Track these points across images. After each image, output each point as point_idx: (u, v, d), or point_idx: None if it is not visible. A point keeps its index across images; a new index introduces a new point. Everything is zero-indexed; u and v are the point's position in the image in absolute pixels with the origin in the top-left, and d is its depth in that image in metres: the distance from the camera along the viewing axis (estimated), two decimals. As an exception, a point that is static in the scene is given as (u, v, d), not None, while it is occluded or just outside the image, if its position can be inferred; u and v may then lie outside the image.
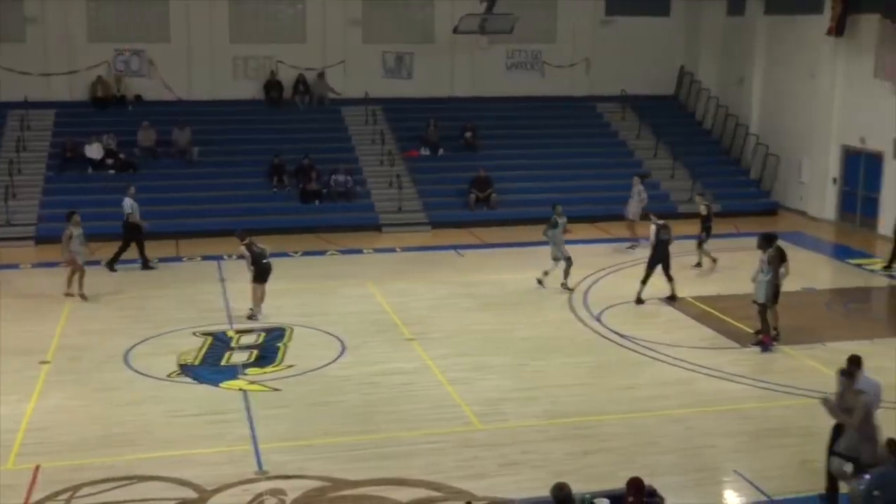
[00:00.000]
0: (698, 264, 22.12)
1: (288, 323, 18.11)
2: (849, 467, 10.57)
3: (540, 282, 20.30)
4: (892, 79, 24.47)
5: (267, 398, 14.54)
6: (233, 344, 17.03)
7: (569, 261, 20.16)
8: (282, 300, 19.14)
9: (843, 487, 10.93)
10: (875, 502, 9.96)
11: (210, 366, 15.94)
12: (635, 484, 9.25)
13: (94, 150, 27.31)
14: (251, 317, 18.32)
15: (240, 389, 14.85)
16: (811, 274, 21.03)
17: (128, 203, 22.06)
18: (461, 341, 17.17)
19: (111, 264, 21.80)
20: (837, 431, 11.00)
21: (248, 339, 17.24)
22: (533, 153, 29.93)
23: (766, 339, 16.69)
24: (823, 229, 26.95)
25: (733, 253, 22.95)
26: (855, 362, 11.31)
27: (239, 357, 16.33)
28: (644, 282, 19.45)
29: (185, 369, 15.73)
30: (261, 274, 18.36)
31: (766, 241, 16.74)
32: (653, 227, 19.70)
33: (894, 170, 24.39)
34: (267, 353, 16.58)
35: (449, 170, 29.04)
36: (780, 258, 16.87)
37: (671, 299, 19.49)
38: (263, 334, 17.51)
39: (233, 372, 15.62)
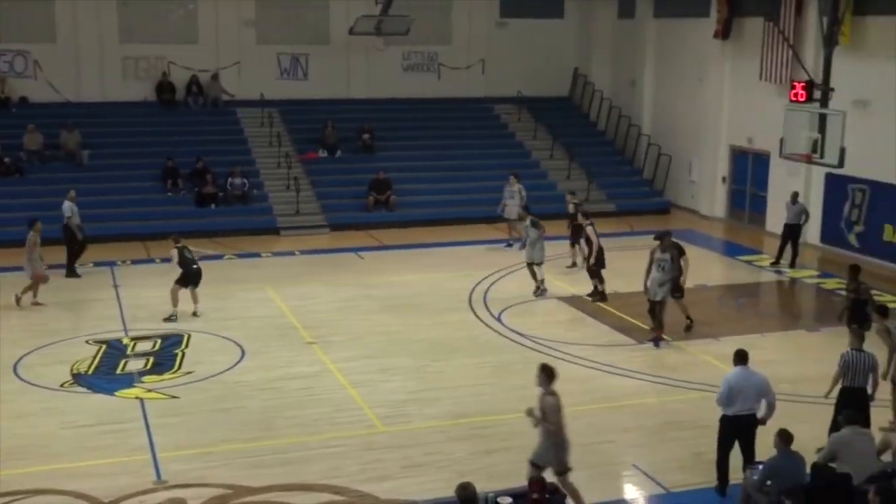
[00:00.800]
0: (573, 264, 22.44)
1: (185, 329, 17.79)
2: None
3: (541, 290, 20.17)
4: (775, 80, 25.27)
5: (164, 406, 14.26)
6: (128, 351, 16.66)
7: (536, 266, 20.15)
8: (179, 306, 18.77)
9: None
10: (769, 490, 10.30)
11: (105, 374, 15.56)
12: (537, 482, 9.37)
13: (-23, 155, 26.40)
14: (169, 318, 18.16)
15: (136, 398, 14.53)
16: (703, 270, 21.54)
17: (66, 206, 21.64)
18: (363, 344, 17.11)
19: (71, 271, 21.34)
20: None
21: (143, 346, 16.87)
22: (431, 154, 30.05)
23: (658, 334, 17.06)
24: (714, 227, 27.68)
25: (629, 251, 23.38)
26: (741, 356, 11.63)
27: (135, 365, 15.98)
28: (602, 279, 19.76)
29: (78, 378, 15.31)
30: (184, 278, 18.33)
31: (665, 237, 17.10)
32: (590, 228, 19.93)
33: (780, 169, 25.17)
34: (164, 359, 16.25)
35: (347, 171, 28.94)
36: (679, 253, 17.33)
37: (601, 299, 19.79)
38: (160, 341, 17.16)
39: (129, 380, 15.28)
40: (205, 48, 30.37)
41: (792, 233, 22.70)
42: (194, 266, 18.56)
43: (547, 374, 10.79)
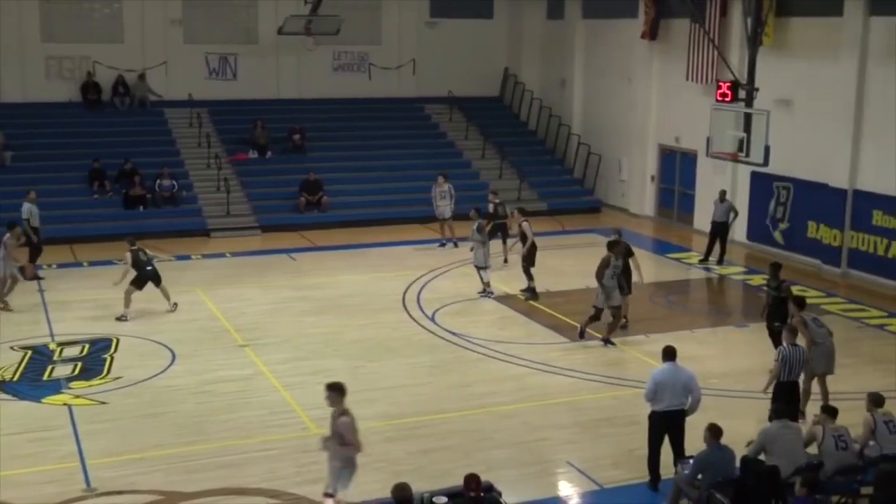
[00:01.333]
0: (505, 260, 22.71)
1: (114, 333, 17.49)
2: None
3: (487, 292, 20.15)
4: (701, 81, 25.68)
5: (94, 412, 14.00)
6: (55, 357, 16.32)
7: (480, 270, 20.14)
8: (107, 310, 18.49)
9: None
10: (699, 484, 10.47)
11: (31, 381, 15.22)
12: (472, 480, 9.39)
13: None
14: (120, 318, 18.20)
15: (64, 404, 14.24)
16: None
17: (25, 208, 21.41)
18: (296, 345, 17.01)
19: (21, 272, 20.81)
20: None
21: (71, 352, 16.55)
22: (362, 155, 29.96)
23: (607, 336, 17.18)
24: (644, 225, 28.02)
25: (560, 250, 23.63)
26: (669, 353, 11.82)
27: (62, 370, 15.67)
28: (531, 276, 19.92)
29: (3, 386, 14.95)
30: (139, 280, 18.47)
31: (616, 246, 17.21)
32: (525, 224, 20.05)
33: (707, 168, 25.59)
34: (92, 365, 15.96)
35: (278, 172, 28.71)
36: (628, 254, 17.55)
37: (533, 297, 19.94)
38: (88, 346, 16.85)
39: (56, 386, 14.97)
40: (131, 47, 29.88)
41: (720, 230, 23.10)
42: (148, 268, 18.65)
43: (339, 391, 10.37)
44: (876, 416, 11.20)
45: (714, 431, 10.58)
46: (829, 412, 11.10)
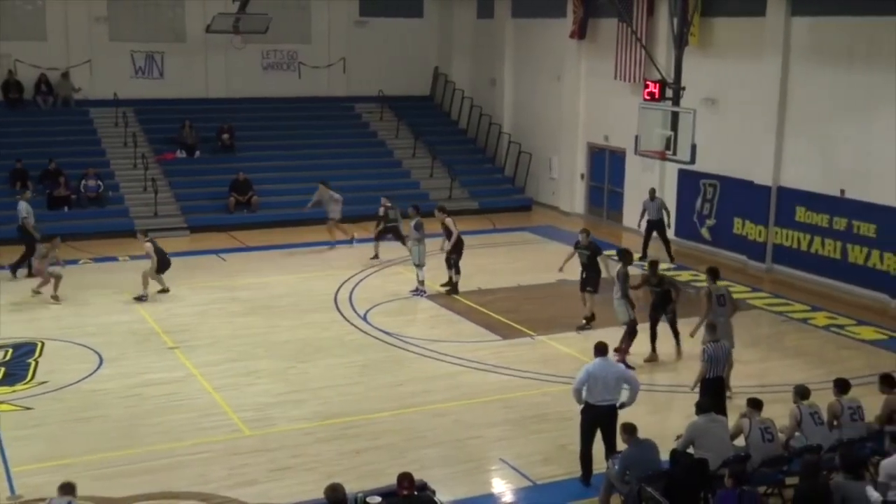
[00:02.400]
0: (375, 256, 22.99)
1: (39, 337, 17.13)
2: None
3: (419, 290, 20.15)
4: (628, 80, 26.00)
5: (18, 418, 13.70)
6: (-23, 362, 15.96)
7: (417, 267, 20.17)
8: (32, 313, 18.11)
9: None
10: (629, 479, 10.62)
11: (-48, 387, 14.86)
12: (405, 479, 9.40)
13: None
14: (139, 298, 19.39)
15: (-13, 410, 13.94)
16: (566, 266, 21.93)
17: (22, 207, 21.32)
18: (227, 347, 16.83)
19: (14, 268, 21.11)
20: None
21: (-6, 357, 16.19)
22: (292, 154, 29.77)
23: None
24: (574, 223, 28.12)
25: (491, 248, 23.72)
26: (601, 348, 11.95)
27: (-15, 376, 15.32)
28: (458, 271, 20.10)
29: (-77, 392, 14.58)
30: (160, 265, 19.79)
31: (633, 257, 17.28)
32: (449, 220, 20.11)
33: (636, 166, 25.91)
34: (16, 369, 15.61)
35: (206, 172, 28.37)
36: (595, 252, 17.73)
37: (453, 290, 20.10)
38: (11, 350, 16.47)
39: (-22, 392, 14.64)
40: (54, 45, 29.28)
41: (656, 227, 23.34)
42: (165, 255, 19.99)
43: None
44: (802, 408, 11.45)
45: (628, 430, 10.74)
46: (755, 405, 11.32)
